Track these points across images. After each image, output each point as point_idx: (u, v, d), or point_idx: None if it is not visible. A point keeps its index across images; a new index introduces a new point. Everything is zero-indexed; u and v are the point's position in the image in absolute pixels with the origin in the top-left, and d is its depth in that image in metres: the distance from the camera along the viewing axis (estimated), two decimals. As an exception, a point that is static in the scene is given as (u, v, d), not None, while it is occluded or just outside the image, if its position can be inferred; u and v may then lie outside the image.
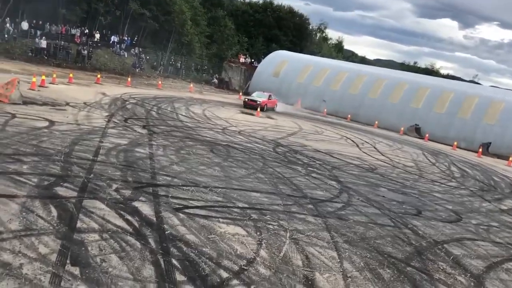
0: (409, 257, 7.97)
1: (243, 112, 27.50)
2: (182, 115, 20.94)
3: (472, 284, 7.32)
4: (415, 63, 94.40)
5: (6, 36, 34.28)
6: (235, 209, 8.65)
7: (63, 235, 6.13)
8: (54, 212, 6.84)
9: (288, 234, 7.83)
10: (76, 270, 5.26)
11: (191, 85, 37.87)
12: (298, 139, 20.39)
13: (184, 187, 9.43)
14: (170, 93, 29.87)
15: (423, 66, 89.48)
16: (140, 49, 43.62)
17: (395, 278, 6.92)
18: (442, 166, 20.91)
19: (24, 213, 6.58)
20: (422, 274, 7.31)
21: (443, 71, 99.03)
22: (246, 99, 31.62)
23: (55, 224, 6.42)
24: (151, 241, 6.49)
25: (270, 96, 33.04)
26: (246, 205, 9.01)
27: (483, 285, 7.41)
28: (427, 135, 32.79)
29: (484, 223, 11.54)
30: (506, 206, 14.29)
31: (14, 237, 5.79)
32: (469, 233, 10.30)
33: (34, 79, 20.34)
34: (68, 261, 5.43)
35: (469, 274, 7.71)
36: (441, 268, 7.74)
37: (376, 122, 35.77)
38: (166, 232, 6.88)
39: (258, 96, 32.16)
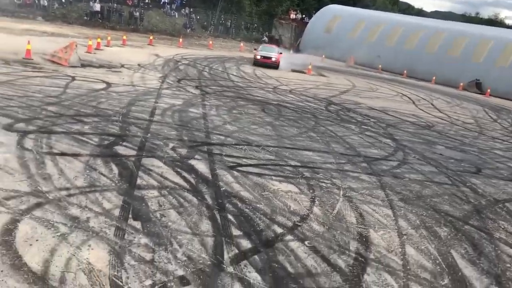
0: (468, 215, 7.76)
1: (294, 71, 27.13)
2: (233, 75, 20.98)
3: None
4: (477, 13, 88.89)
5: (63, 1, 35.28)
6: (288, 167, 8.70)
7: (125, 191, 6.43)
8: (115, 169, 7.16)
9: (341, 192, 7.81)
10: (138, 224, 5.53)
11: (241, 44, 37.65)
12: (351, 97, 19.97)
13: (237, 146, 9.55)
14: (220, 53, 29.91)
15: (486, 16, 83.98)
16: (191, 9, 43.64)
17: (452, 236, 6.78)
18: (505, 122, 19.89)
19: (87, 171, 6.94)
20: (481, 232, 7.12)
21: (508, 21, 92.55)
22: (258, 56, 26.18)
23: (116, 181, 6.74)
24: (207, 197, 6.68)
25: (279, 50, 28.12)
26: (298, 164, 9.03)
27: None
28: (488, 90, 31.12)
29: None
30: None
31: (80, 193, 6.14)
32: (533, 193, 9.84)
33: (90, 42, 20.95)
34: (130, 216, 5.71)
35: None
36: (502, 227, 7.50)
37: (434, 78, 34.28)
38: (221, 189, 7.05)
39: (269, 51, 27.06)
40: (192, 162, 8.10)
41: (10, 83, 11.96)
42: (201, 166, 7.93)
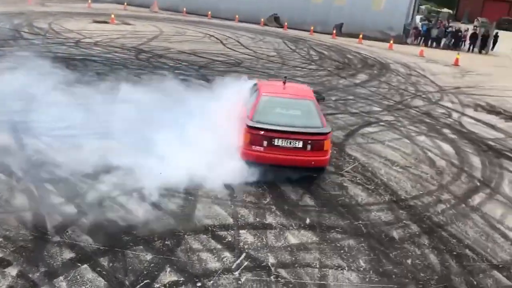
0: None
1: (96, 22, 25.35)
2: (25, 32, 18.69)
3: (335, 151, 8.18)
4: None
5: None
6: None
7: None
8: None
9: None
10: None
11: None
12: (161, 43, 19.64)
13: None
14: (4, 9, 26.17)
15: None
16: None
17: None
18: (302, 51, 21.95)
19: None
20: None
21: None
22: None
23: None
24: (16, 170, 6.05)
25: None
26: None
27: (343, 150, 8.33)
28: (285, 23, 33.70)
29: (342, 98, 12.67)
30: (359, 80, 15.74)
31: None
32: (330, 109, 11.27)
33: None
34: None
35: (331, 144, 8.57)
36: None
37: (237, 16, 35.63)
38: (32, 158, 6.45)
39: None
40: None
41: None
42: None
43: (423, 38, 31.50)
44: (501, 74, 21.09)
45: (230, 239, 4.99)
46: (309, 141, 6.43)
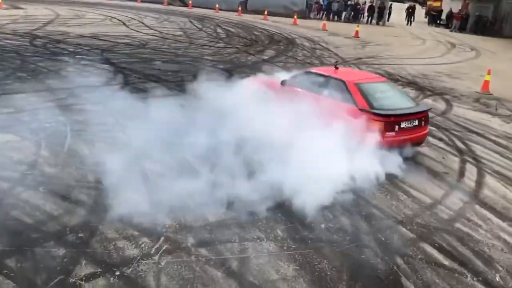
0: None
1: (-20, 6, 23.12)
2: None
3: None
4: None
5: None
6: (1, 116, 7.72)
7: None
8: None
9: (69, 128, 7.44)
10: None
11: None
12: (58, 27, 18.43)
13: None
14: None
15: None
16: None
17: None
18: (209, 30, 21.76)
19: None
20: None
21: None
22: None
23: None
24: None
25: None
26: (12, 110, 8.09)
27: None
28: (190, 2, 33.11)
29: (251, 74, 12.77)
30: (267, 56, 15.98)
31: None
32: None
33: None
34: None
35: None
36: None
37: (139, -4, 34.33)
38: None
39: None
40: None
41: None
42: None
43: (325, 12, 32.61)
44: (397, 43, 22.52)
45: (147, 225, 4.90)
46: (422, 118, 7.24)
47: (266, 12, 29.43)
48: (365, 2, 34.72)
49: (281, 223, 5.19)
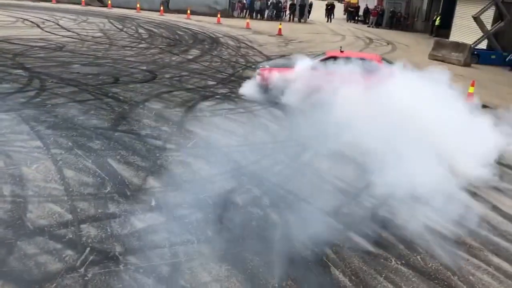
0: (115, 123, 8.20)
1: None
2: None
3: (174, 130, 8.15)
4: None
5: None
6: None
7: None
8: None
9: (-22, 139, 6.91)
10: None
11: None
12: (-38, 31, 17.05)
13: None
14: None
15: None
16: None
17: (106, 146, 7.09)
18: (130, 30, 21.12)
19: None
20: (131, 134, 7.70)
21: None
22: None
23: None
24: None
25: None
26: None
27: (183, 127, 8.33)
28: (109, 1, 31.96)
29: (176, 75, 12.59)
30: (192, 55, 15.79)
31: None
32: (165, 87, 11.13)
33: None
34: None
35: (170, 122, 8.52)
36: (146, 124, 8.29)
37: (53, -3, 32.62)
38: None
39: None
40: None
41: None
42: None
43: (248, 10, 32.85)
44: (319, 40, 23.17)
45: (71, 236, 4.67)
46: None
47: (189, 11, 29.11)
48: (286, 1, 35.43)
49: (211, 224, 5.14)
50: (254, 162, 6.97)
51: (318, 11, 36.86)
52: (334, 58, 9.96)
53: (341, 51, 10.09)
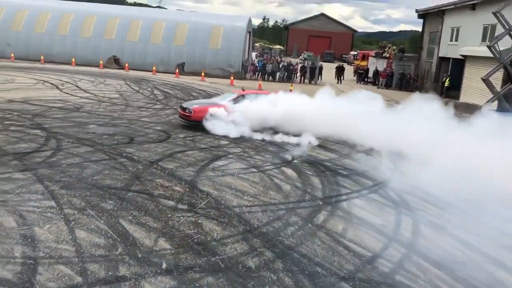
0: (129, 183, 8.24)
1: None
2: None
3: (187, 189, 8.15)
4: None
5: None
6: None
7: None
8: None
9: (-8, 199, 6.96)
10: None
11: None
12: (-15, 93, 17.68)
13: None
14: None
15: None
16: None
17: (118, 207, 7.09)
18: (146, 91, 21.74)
19: None
20: (143, 195, 7.72)
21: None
22: None
23: None
24: None
25: None
26: None
27: (196, 187, 8.34)
28: (126, 64, 33.18)
29: (190, 135, 12.76)
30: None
31: None
32: (179, 147, 11.27)
33: None
34: None
35: (183, 182, 8.54)
36: (159, 184, 8.32)
37: (73, 60, 33.98)
38: None
39: None
40: None
41: None
42: None
43: (260, 72, 33.77)
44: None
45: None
46: None
47: (203, 74, 30.01)
48: (297, 63, 36.39)
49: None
50: (276, 219, 6.86)
51: (329, 73, 37.70)
52: (243, 96, 13.98)
53: (243, 90, 14.68)
